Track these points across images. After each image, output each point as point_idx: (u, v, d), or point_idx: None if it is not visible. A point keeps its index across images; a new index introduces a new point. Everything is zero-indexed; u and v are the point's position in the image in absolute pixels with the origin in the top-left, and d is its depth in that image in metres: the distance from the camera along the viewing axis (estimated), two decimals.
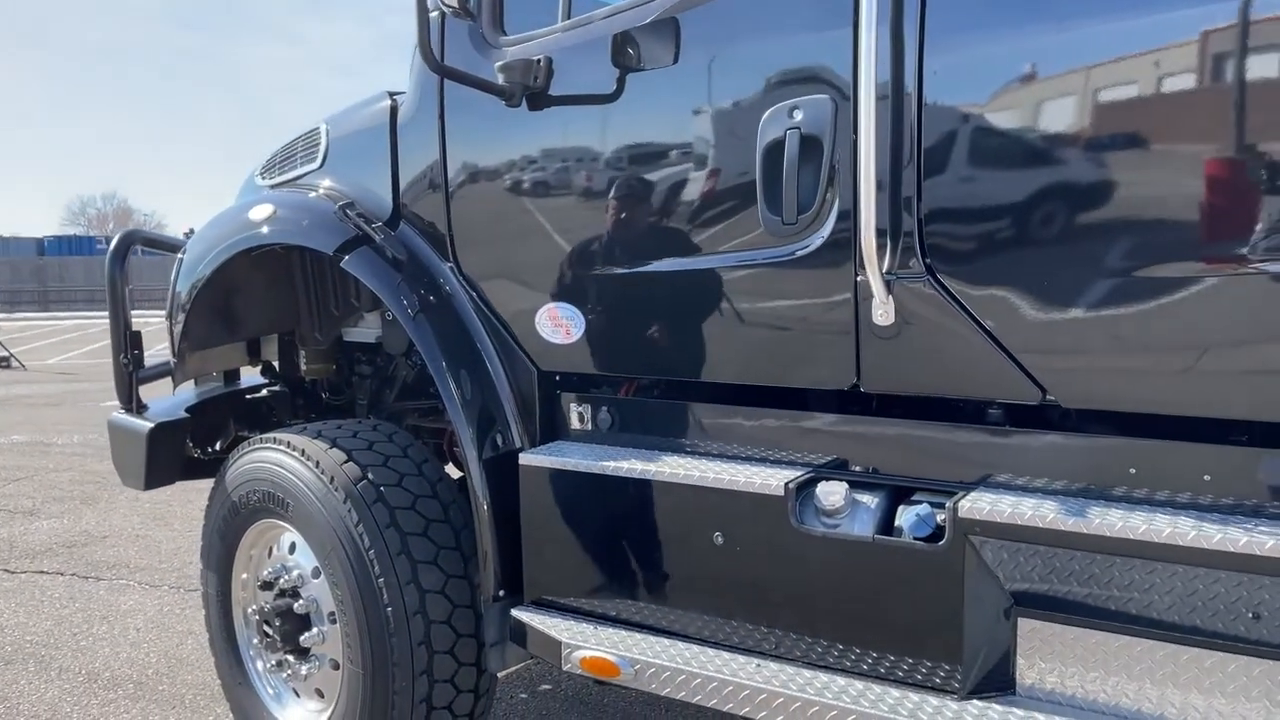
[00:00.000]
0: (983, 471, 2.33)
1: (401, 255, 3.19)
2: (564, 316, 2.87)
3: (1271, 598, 1.94)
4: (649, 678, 2.56)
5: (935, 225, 2.20)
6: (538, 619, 2.84)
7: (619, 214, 2.73)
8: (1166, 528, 1.98)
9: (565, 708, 4.06)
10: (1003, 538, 2.17)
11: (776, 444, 2.62)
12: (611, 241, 2.77)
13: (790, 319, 2.51)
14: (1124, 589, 2.08)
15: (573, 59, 2.72)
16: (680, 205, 2.61)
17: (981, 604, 2.21)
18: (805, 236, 2.36)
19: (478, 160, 3.02)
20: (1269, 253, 1.89)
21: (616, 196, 2.72)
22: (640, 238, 2.72)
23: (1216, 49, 1.92)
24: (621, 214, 2.73)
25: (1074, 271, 2.09)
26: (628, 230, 2.73)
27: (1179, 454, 2.11)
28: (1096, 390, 2.17)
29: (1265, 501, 2.02)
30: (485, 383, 3.04)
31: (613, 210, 2.74)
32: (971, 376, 2.29)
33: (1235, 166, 1.94)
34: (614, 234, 2.76)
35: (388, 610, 2.93)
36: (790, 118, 2.33)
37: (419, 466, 3.16)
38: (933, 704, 2.21)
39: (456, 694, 3.05)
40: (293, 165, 3.68)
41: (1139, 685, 2.07)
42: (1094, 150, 2.05)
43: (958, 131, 2.17)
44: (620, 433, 2.90)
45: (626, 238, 2.74)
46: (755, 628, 2.51)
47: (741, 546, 2.51)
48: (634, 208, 2.70)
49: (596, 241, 2.80)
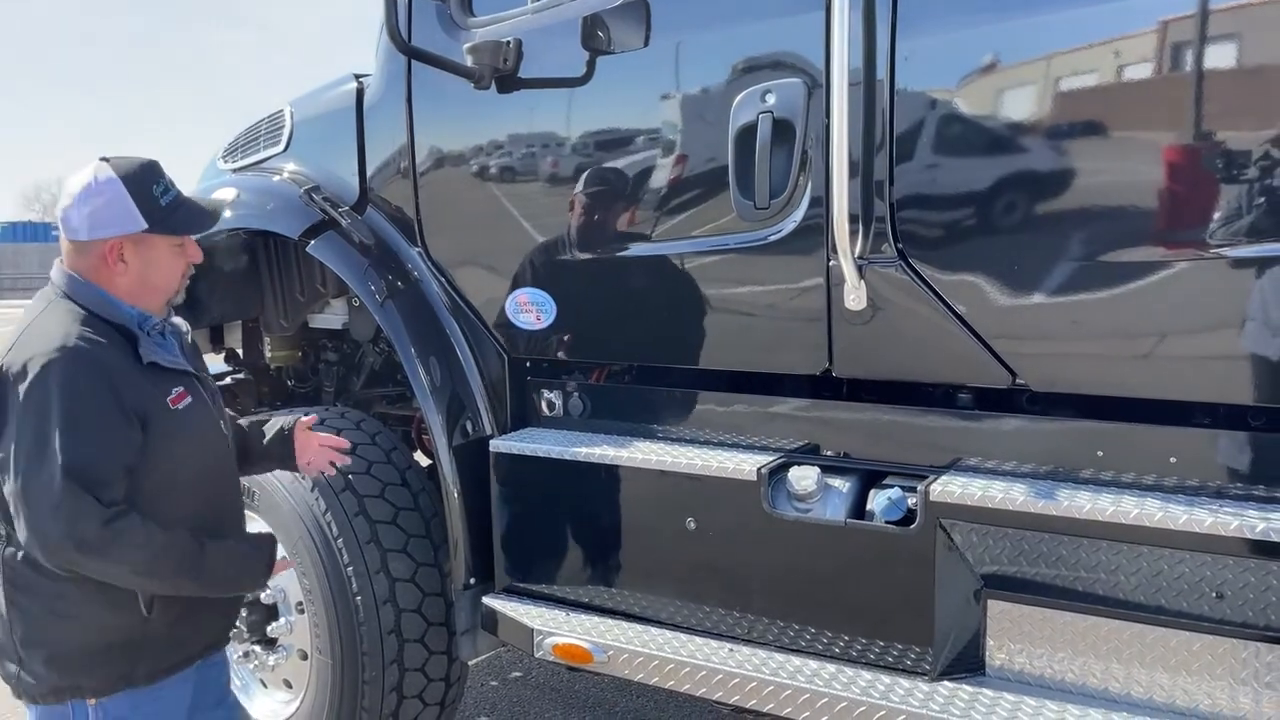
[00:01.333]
0: (953, 455, 2.34)
1: (369, 240, 3.15)
2: (534, 302, 2.84)
3: (1235, 578, 1.98)
4: (621, 663, 2.56)
5: (907, 211, 2.21)
6: (509, 606, 2.83)
7: (590, 199, 2.71)
8: (1133, 509, 2.01)
9: (537, 695, 4.05)
10: (973, 521, 2.19)
11: (749, 429, 2.62)
12: (582, 226, 2.75)
13: (762, 304, 2.51)
14: (1092, 570, 2.10)
15: (542, 41, 2.69)
16: (652, 190, 2.59)
17: (952, 586, 2.23)
18: (778, 221, 2.36)
19: (446, 144, 2.98)
20: (1231, 238, 1.92)
21: (587, 181, 2.70)
22: (611, 223, 2.70)
23: (1185, 37, 1.94)
24: (592, 199, 2.71)
25: (1044, 257, 2.11)
26: (599, 215, 2.71)
27: (1145, 437, 2.14)
28: (1065, 374, 2.20)
29: (1229, 483, 2.06)
30: (455, 369, 3.01)
31: (583, 195, 2.72)
32: (942, 361, 2.30)
33: (1199, 154, 1.97)
34: (585, 219, 2.74)
35: (357, 599, 2.90)
36: (763, 102, 2.33)
37: (387, 454, 3.13)
38: (904, 686, 2.23)
39: (427, 682, 3.04)
40: (256, 149, 3.61)
41: (1106, 664, 2.10)
42: (1064, 137, 2.07)
43: (929, 117, 2.18)
44: (591, 419, 2.88)
45: (597, 223, 2.72)
46: (728, 612, 2.52)
47: (714, 531, 2.52)
48: (605, 192, 2.68)
49: (567, 227, 2.77)
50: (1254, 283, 1.93)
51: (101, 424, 1.94)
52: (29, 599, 2.02)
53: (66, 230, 2.06)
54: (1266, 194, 1.88)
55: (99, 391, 1.95)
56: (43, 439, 1.90)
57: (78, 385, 1.93)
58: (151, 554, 1.97)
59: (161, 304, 2.15)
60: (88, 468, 1.91)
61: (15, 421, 1.93)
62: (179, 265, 2.15)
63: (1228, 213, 1.92)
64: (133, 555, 1.96)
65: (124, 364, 2.01)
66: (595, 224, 2.72)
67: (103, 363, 1.97)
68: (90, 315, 2.02)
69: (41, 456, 1.90)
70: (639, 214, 2.64)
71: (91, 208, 2.01)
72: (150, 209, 2.03)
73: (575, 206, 2.74)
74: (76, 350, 1.95)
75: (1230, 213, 1.92)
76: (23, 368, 1.94)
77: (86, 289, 2.05)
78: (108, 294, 2.05)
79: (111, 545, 1.93)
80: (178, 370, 2.13)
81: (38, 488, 1.90)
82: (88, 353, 1.96)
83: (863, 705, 2.20)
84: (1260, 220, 1.89)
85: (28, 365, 1.93)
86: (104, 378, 1.96)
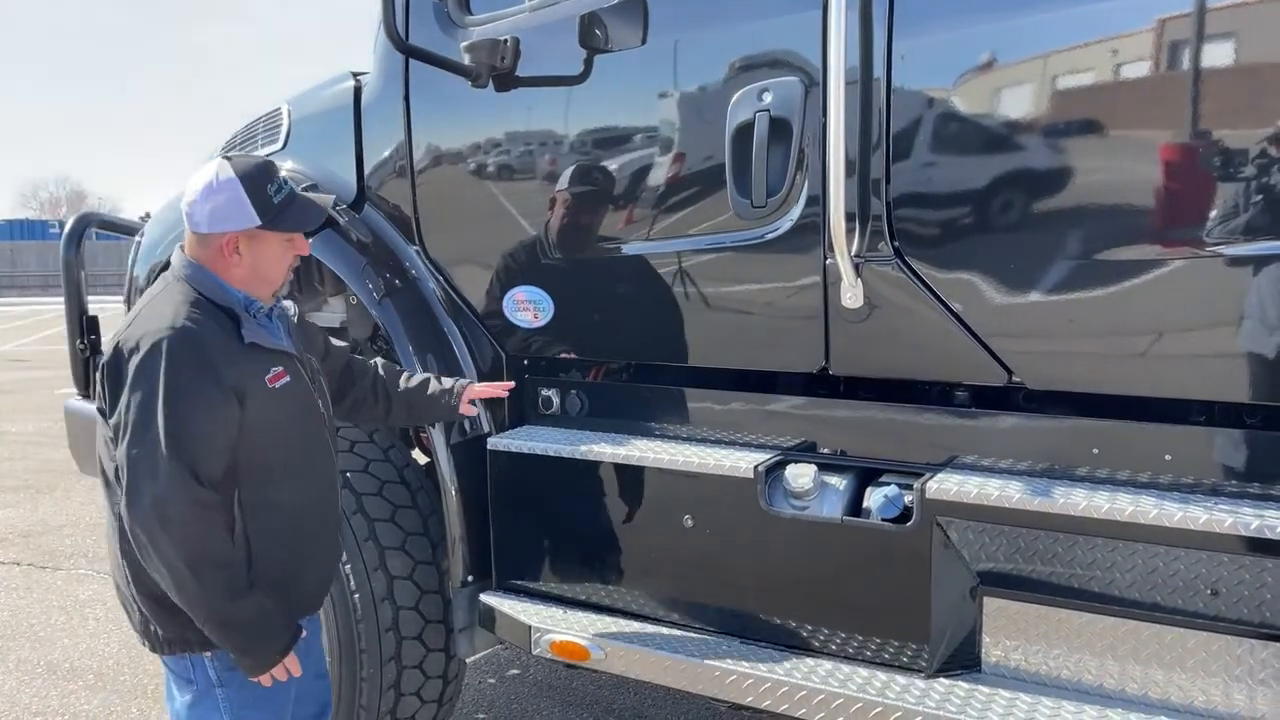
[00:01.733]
0: (950, 453, 2.35)
1: (366, 238, 3.15)
2: (531, 300, 2.85)
3: (1229, 575, 1.99)
4: (619, 661, 2.57)
5: (903, 209, 2.21)
6: (507, 604, 2.83)
7: (587, 197, 2.72)
8: (1128, 507, 2.02)
9: (534, 692, 4.06)
10: (969, 518, 2.19)
11: (746, 427, 2.63)
12: (579, 225, 2.75)
13: (759, 302, 2.51)
14: (1087, 568, 2.11)
15: (540, 40, 2.69)
16: (649, 188, 2.60)
17: (948, 584, 2.24)
18: (774, 220, 2.36)
19: (444, 142, 2.98)
20: (1224, 237, 1.92)
21: (584, 179, 2.71)
22: (608, 221, 2.71)
23: (1181, 36, 1.94)
24: (589, 197, 2.71)
25: (1039, 255, 2.11)
26: (596, 213, 2.72)
27: (1141, 434, 2.15)
28: (1061, 372, 2.20)
29: (1224, 481, 2.06)
30: (452, 367, 3.01)
31: (580, 193, 2.72)
32: (939, 359, 2.31)
33: (1196, 153, 1.97)
34: (582, 217, 2.74)
35: (355, 597, 2.91)
36: (760, 100, 2.33)
37: (385, 452, 3.13)
38: (900, 683, 2.24)
39: (425, 680, 3.04)
40: (254, 147, 3.61)
41: (1101, 661, 2.11)
42: (1059, 136, 2.07)
43: (926, 116, 2.18)
44: (589, 417, 2.89)
45: (594, 221, 2.73)
46: (725, 610, 2.53)
47: (711, 529, 2.52)
48: (602, 191, 2.69)
49: (564, 225, 2.78)
50: (1248, 281, 1.94)
51: (201, 396, 2.07)
52: None
53: (190, 223, 2.21)
54: (1260, 193, 1.88)
55: (200, 366, 2.08)
56: (148, 409, 2.04)
57: (181, 359, 2.06)
58: (203, 553, 2.05)
59: (269, 293, 2.29)
60: (186, 437, 2.04)
61: (125, 394, 2.07)
62: (287, 258, 2.29)
63: (1222, 211, 1.92)
64: (192, 545, 2.04)
65: (226, 342, 2.14)
66: (592, 222, 2.73)
67: (205, 340, 2.11)
68: (201, 298, 2.16)
69: (146, 425, 2.04)
70: (636, 212, 2.64)
71: (212, 205, 2.16)
72: (264, 207, 2.17)
73: (572, 205, 2.75)
74: (183, 328, 2.09)
75: (1224, 211, 1.92)
76: (135, 343, 2.09)
77: (202, 274, 2.19)
78: (222, 280, 2.20)
79: (186, 524, 2.02)
80: (279, 351, 2.25)
81: (140, 453, 2.04)
82: (192, 330, 2.10)
83: (859, 702, 2.21)
84: (1254, 219, 1.90)
85: (140, 341, 2.08)
86: (205, 354, 2.10)
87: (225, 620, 2.11)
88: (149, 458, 2.03)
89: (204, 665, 2.20)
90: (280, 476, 2.21)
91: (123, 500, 2.06)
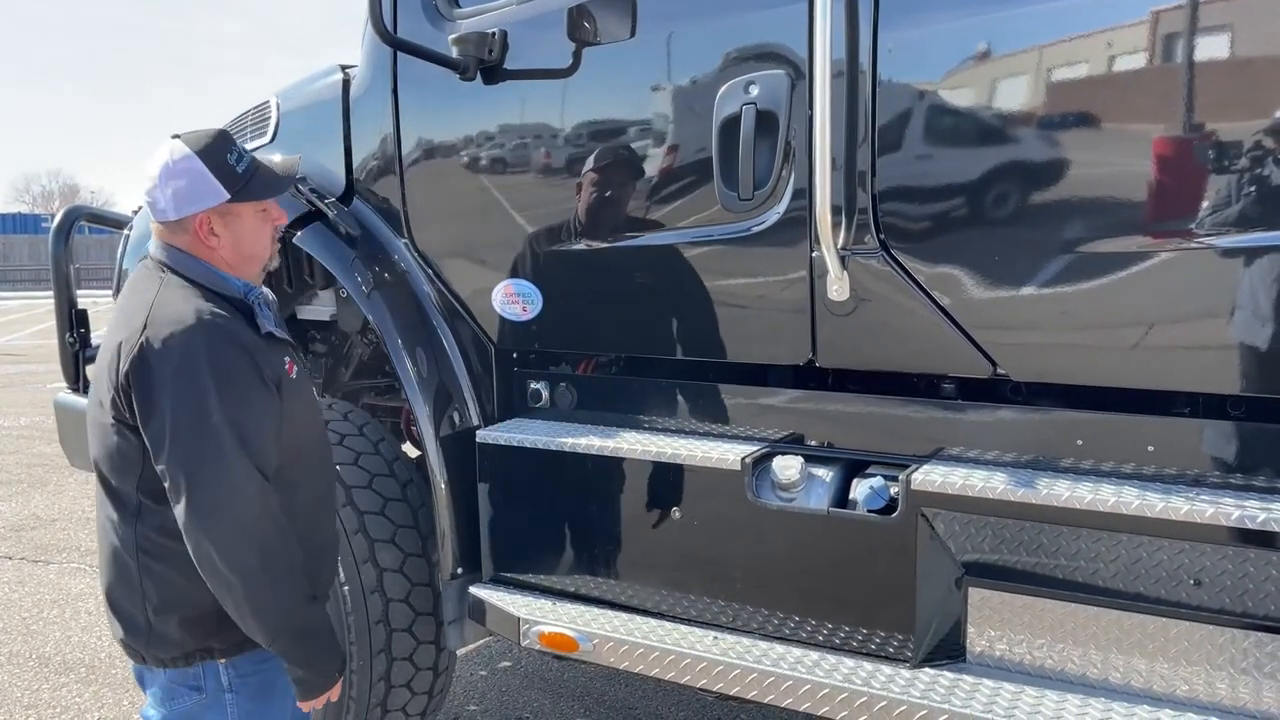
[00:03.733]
0: (936, 445, 2.36)
1: (355, 231, 3.15)
2: (520, 293, 2.85)
3: (1212, 565, 2.00)
4: (607, 652, 2.58)
5: (889, 202, 2.22)
6: (496, 596, 2.84)
7: (575, 190, 2.72)
8: (1111, 497, 2.03)
9: (524, 684, 4.07)
10: (954, 509, 2.21)
11: (733, 419, 2.64)
12: (567, 218, 2.76)
13: (746, 295, 2.52)
14: (1071, 558, 2.13)
15: (528, 32, 2.69)
16: (636, 181, 2.60)
17: (933, 574, 2.25)
18: (761, 213, 2.37)
19: (432, 135, 2.98)
20: (1212, 229, 1.93)
21: (572, 172, 2.71)
22: (596, 214, 2.71)
23: (1168, 29, 1.95)
24: (577, 190, 2.71)
25: (1023, 248, 2.12)
26: (583, 206, 2.72)
27: (1124, 426, 2.16)
28: (1045, 364, 2.22)
29: (1206, 471, 2.08)
30: (442, 360, 3.02)
31: (568, 186, 2.73)
32: (924, 351, 2.32)
33: (1182, 146, 1.98)
34: (570, 210, 2.75)
35: (344, 589, 2.91)
36: (746, 93, 2.33)
37: (375, 445, 3.13)
38: (885, 673, 2.25)
39: (415, 672, 3.05)
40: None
41: (1084, 650, 2.13)
42: (1046, 129, 2.08)
43: (912, 109, 2.19)
44: (577, 410, 2.89)
45: (582, 214, 2.73)
46: (712, 601, 2.54)
47: (699, 521, 2.53)
48: (590, 183, 2.69)
49: (552, 218, 2.78)
50: (1232, 273, 1.95)
51: (253, 390, 1.98)
52: (166, 566, 2.01)
53: (155, 213, 2.07)
54: (1247, 184, 1.89)
55: (245, 361, 1.98)
56: (202, 411, 1.91)
57: (226, 357, 1.95)
58: (279, 556, 1.97)
59: (258, 272, 2.17)
60: (249, 435, 1.94)
61: (168, 397, 1.92)
62: (266, 229, 2.15)
63: (1205, 204, 1.93)
64: (270, 548, 1.95)
65: (252, 335, 2.04)
66: (580, 215, 2.73)
67: (240, 334, 2.00)
68: (208, 291, 2.04)
69: (203, 429, 1.91)
70: (624, 205, 2.65)
71: (174, 187, 2.02)
72: (230, 179, 2.03)
73: (560, 198, 2.75)
74: (215, 324, 1.97)
75: (1208, 204, 1.93)
76: (164, 345, 1.93)
77: (197, 265, 2.06)
78: (216, 269, 2.07)
79: (262, 527, 1.93)
80: (286, 340, 2.17)
81: (201, 457, 1.91)
82: (225, 325, 1.98)
83: (844, 692, 2.22)
84: (1238, 211, 1.91)
85: (169, 342, 1.93)
86: (245, 348, 1.99)
87: (300, 629, 2.01)
88: (214, 461, 1.90)
89: (217, 671, 2.08)
90: (303, 469, 2.13)
91: (181, 510, 1.91)
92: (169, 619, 2.04)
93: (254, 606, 1.95)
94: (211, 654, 2.07)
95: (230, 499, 1.91)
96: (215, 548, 1.91)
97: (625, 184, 2.63)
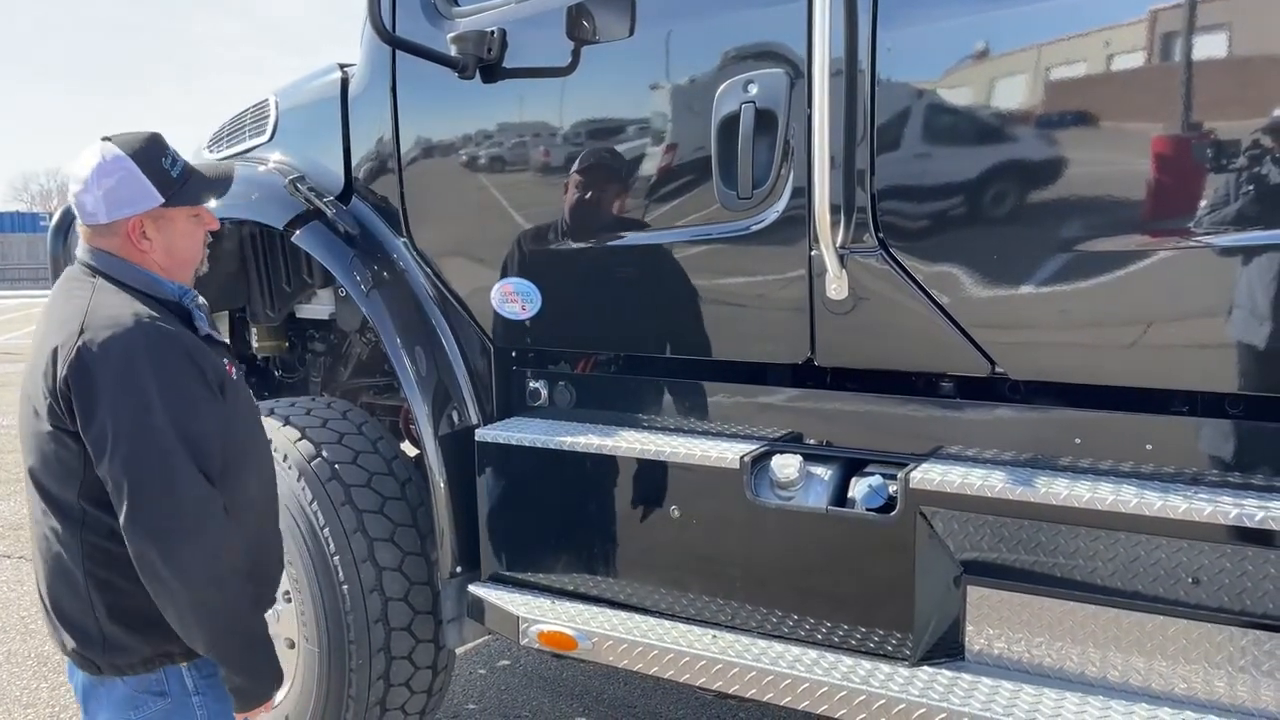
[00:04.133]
0: (934, 443, 2.36)
1: (354, 230, 3.15)
2: (519, 292, 2.85)
3: (1210, 563, 2.01)
4: (606, 650, 2.58)
5: (888, 201, 2.22)
6: (495, 594, 2.84)
7: (574, 189, 2.72)
8: (1109, 496, 2.03)
9: (524, 683, 4.07)
10: (953, 508, 2.21)
11: (732, 418, 2.64)
12: (566, 216, 2.76)
13: (745, 294, 2.52)
14: (1069, 556, 2.13)
15: (527, 31, 2.69)
16: (636, 180, 2.60)
17: (932, 573, 2.25)
18: (760, 211, 2.37)
19: (431, 134, 2.98)
20: (1210, 228, 1.93)
21: (571, 171, 2.71)
22: (595, 212, 2.71)
23: (1165, 28, 1.96)
24: (576, 189, 2.71)
25: (1021, 247, 2.12)
26: (583, 205, 2.72)
27: (1122, 424, 2.16)
28: (1042, 362, 2.22)
29: (1204, 470, 2.08)
30: (440, 359, 3.02)
31: (567, 185, 2.73)
32: (923, 350, 2.32)
33: (1179, 144, 1.98)
34: (569, 209, 2.75)
35: (344, 588, 2.91)
36: (745, 92, 2.33)
37: (374, 444, 3.13)
38: (884, 671, 2.25)
39: (414, 670, 3.05)
40: (241, 138, 3.61)
41: (1083, 649, 2.13)
42: (1045, 128, 2.08)
43: (911, 108, 2.19)
44: (576, 408, 2.89)
45: (581, 212, 2.73)
46: (711, 599, 2.54)
47: (698, 519, 2.53)
48: (589, 182, 2.69)
49: (551, 216, 2.78)
50: (1229, 272, 1.96)
51: (197, 395, 1.95)
52: (114, 573, 1.96)
53: (83, 215, 2.02)
54: (1244, 183, 1.90)
55: (186, 364, 1.95)
56: (144, 414, 1.87)
57: (167, 359, 1.92)
58: (227, 562, 1.93)
59: (190, 275, 2.15)
60: (193, 437, 1.91)
61: (109, 402, 1.88)
62: (199, 234, 2.13)
63: (1204, 202, 1.94)
64: (217, 554, 1.91)
65: (192, 337, 2.01)
66: (579, 214, 2.73)
67: (180, 336, 1.97)
68: (142, 294, 2.00)
69: (146, 432, 1.88)
70: (623, 204, 2.65)
71: (105, 189, 1.98)
72: (164, 183, 2.01)
73: (559, 196, 2.75)
74: (154, 326, 1.93)
75: (1206, 202, 1.93)
76: (102, 349, 1.89)
77: (129, 269, 2.02)
78: (149, 272, 2.04)
79: (207, 532, 1.90)
80: (223, 343, 2.15)
81: (145, 462, 1.87)
82: (165, 328, 1.95)
83: (843, 690, 2.22)
84: (1237, 210, 1.91)
85: (108, 346, 1.89)
86: (186, 351, 1.96)
87: (243, 635, 1.98)
88: (157, 464, 1.87)
89: (180, 674, 2.04)
90: (245, 472, 2.09)
91: (124, 514, 1.87)
92: (122, 626, 1.99)
93: (197, 612, 1.91)
94: (172, 658, 2.02)
95: (174, 502, 1.88)
96: (159, 552, 1.86)
97: (624, 183, 2.63)
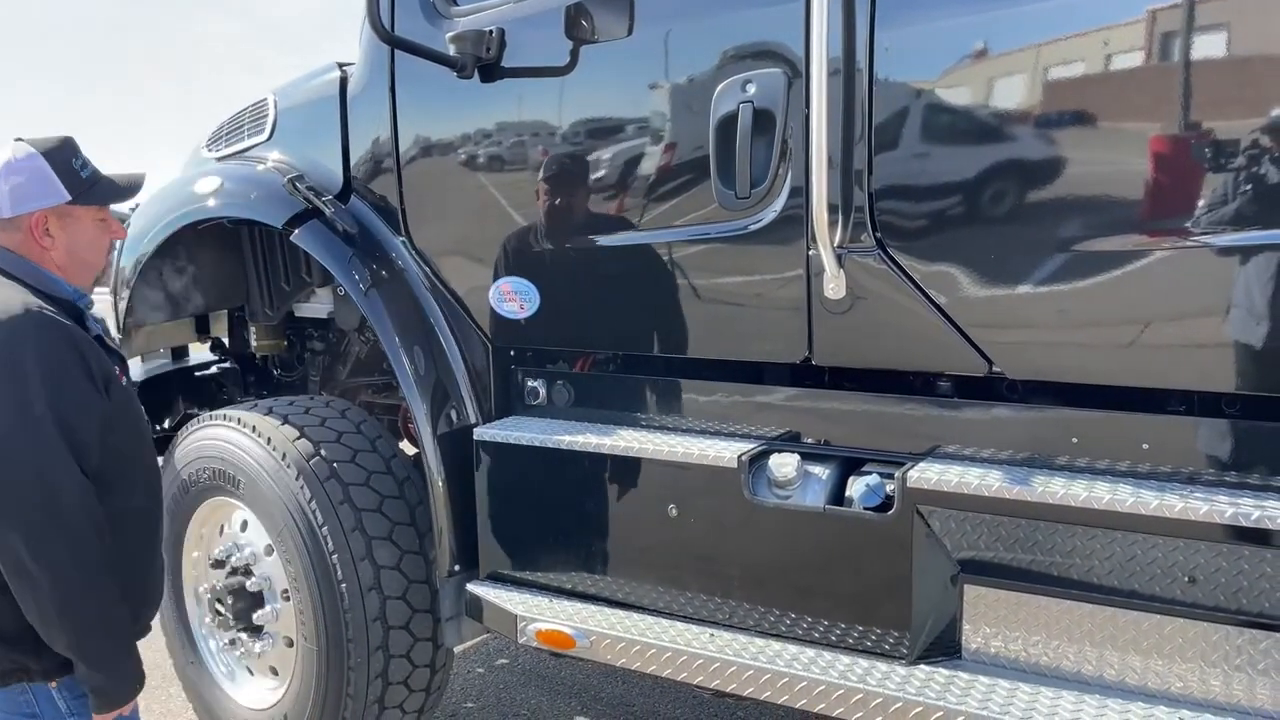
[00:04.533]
0: (932, 442, 2.36)
1: (353, 229, 3.15)
2: (517, 291, 2.85)
3: (1206, 562, 2.01)
4: (604, 649, 2.58)
5: (886, 201, 2.23)
6: (493, 593, 2.85)
7: (572, 188, 2.72)
8: (1106, 495, 2.04)
9: (522, 681, 4.08)
10: (950, 507, 2.21)
11: (730, 417, 2.64)
12: (565, 216, 2.76)
13: (743, 293, 2.52)
14: (1066, 555, 2.13)
15: (526, 30, 2.69)
16: (634, 179, 2.60)
17: (929, 571, 2.26)
18: (758, 211, 2.37)
19: (430, 133, 2.99)
20: (1207, 228, 1.94)
21: (570, 170, 2.71)
22: (594, 212, 2.71)
23: (1164, 28, 1.96)
24: (575, 188, 2.72)
25: (1019, 247, 2.13)
26: (581, 204, 2.72)
27: (1119, 424, 2.16)
28: (1041, 362, 2.22)
29: (1200, 469, 2.08)
30: (439, 358, 3.02)
31: (566, 184, 2.73)
32: (920, 349, 2.32)
33: (1177, 144, 1.99)
34: (567, 208, 2.75)
35: (342, 587, 2.92)
36: (743, 91, 2.34)
37: (373, 442, 3.14)
38: (881, 670, 2.26)
39: (412, 669, 3.05)
40: (240, 137, 3.61)
41: (1079, 648, 2.14)
42: (1042, 127, 2.09)
43: (909, 108, 2.19)
44: (574, 407, 2.90)
45: (580, 212, 2.73)
46: (709, 598, 2.54)
47: (695, 518, 2.54)
48: (587, 181, 2.69)
49: (550, 216, 2.78)
50: (1227, 272, 1.96)
51: (80, 387, 1.95)
52: None
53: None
54: (1242, 183, 1.90)
55: (72, 356, 1.96)
56: (24, 404, 1.88)
57: (53, 349, 1.94)
58: (93, 552, 1.90)
59: (90, 280, 2.17)
60: (71, 424, 1.91)
61: None
62: (104, 239, 2.17)
63: (1201, 202, 1.94)
64: (84, 543, 1.88)
65: (81, 332, 2.02)
66: (578, 213, 2.74)
67: (68, 329, 1.99)
68: (37, 290, 2.01)
69: (24, 421, 1.88)
70: (621, 203, 2.65)
71: (12, 185, 2.02)
72: (72, 181, 2.05)
73: (558, 195, 2.75)
74: (43, 317, 1.95)
75: (1204, 202, 1.94)
76: None
77: (25, 265, 2.05)
78: (45, 270, 2.06)
79: (77, 519, 1.88)
80: (115, 350, 2.16)
81: (16, 445, 1.87)
82: (53, 319, 1.97)
83: (841, 689, 2.23)
84: (1234, 210, 1.91)
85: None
86: (73, 343, 1.98)
87: (108, 630, 1.93)
88: (32, 451, 1.85)
89: (50, 696, 1.99)
90: (130, 485, 2.08)
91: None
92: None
93: (61, 604, 1.87)
94: (31, 674, 1.98)
95: (47, 489, 1.86)
96: (24, 539, 1.84)
97: (623, 182, 2.63)
